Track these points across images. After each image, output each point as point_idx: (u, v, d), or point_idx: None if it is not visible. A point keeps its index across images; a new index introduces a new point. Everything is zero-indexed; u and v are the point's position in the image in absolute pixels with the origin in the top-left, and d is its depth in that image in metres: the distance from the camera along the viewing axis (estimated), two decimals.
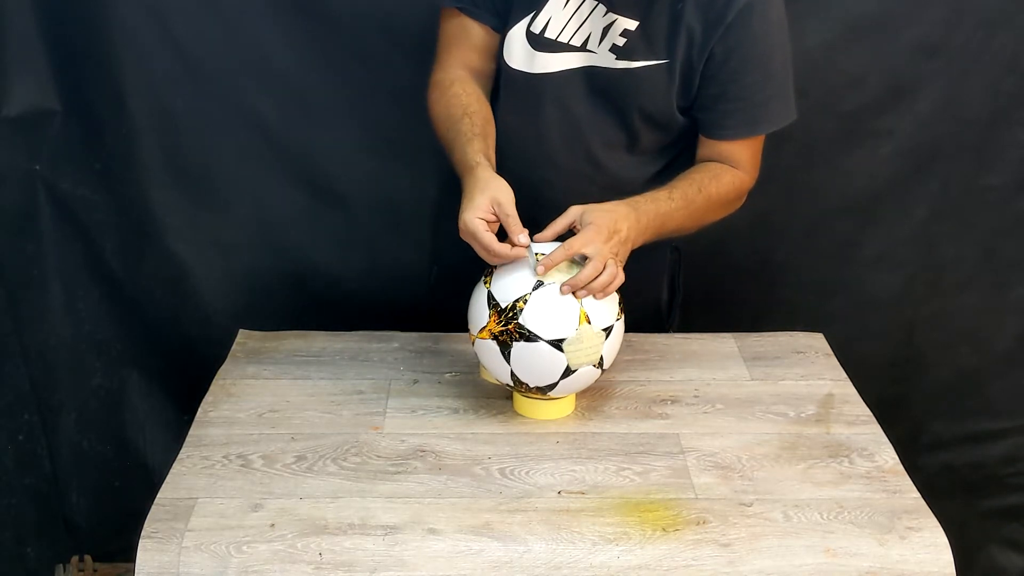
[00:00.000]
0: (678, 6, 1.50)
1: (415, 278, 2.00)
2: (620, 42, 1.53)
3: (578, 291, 1.38)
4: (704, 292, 2.08)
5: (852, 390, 1.61)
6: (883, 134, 2.02)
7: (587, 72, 1.57)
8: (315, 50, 1.91)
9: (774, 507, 1.33)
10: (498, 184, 1.42)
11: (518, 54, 1.58)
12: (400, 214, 2.04)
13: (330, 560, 1.24)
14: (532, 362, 1.41)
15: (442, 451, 1.43)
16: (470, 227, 1.38)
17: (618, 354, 1.48)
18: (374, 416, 1.51)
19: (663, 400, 1.56)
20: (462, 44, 1.62)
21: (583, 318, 1.39)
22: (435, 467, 1.39)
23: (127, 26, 1.85)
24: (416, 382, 1.59)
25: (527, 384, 1.44)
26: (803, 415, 1.54)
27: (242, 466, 1.39)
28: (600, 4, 1.53)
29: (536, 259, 1.39)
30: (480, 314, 1.43)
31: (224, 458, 1.40)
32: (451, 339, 1.70)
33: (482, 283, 1.45)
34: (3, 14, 1.80)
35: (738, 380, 1.62)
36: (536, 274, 1.39)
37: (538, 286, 1.40)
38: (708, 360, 1.67)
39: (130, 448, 2.16)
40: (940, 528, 1.31)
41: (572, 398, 1.52)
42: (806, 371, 1.65)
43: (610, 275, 1.39)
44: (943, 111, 1.99)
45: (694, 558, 1.26)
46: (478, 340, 1.45)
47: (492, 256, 1.39)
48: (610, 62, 1.55)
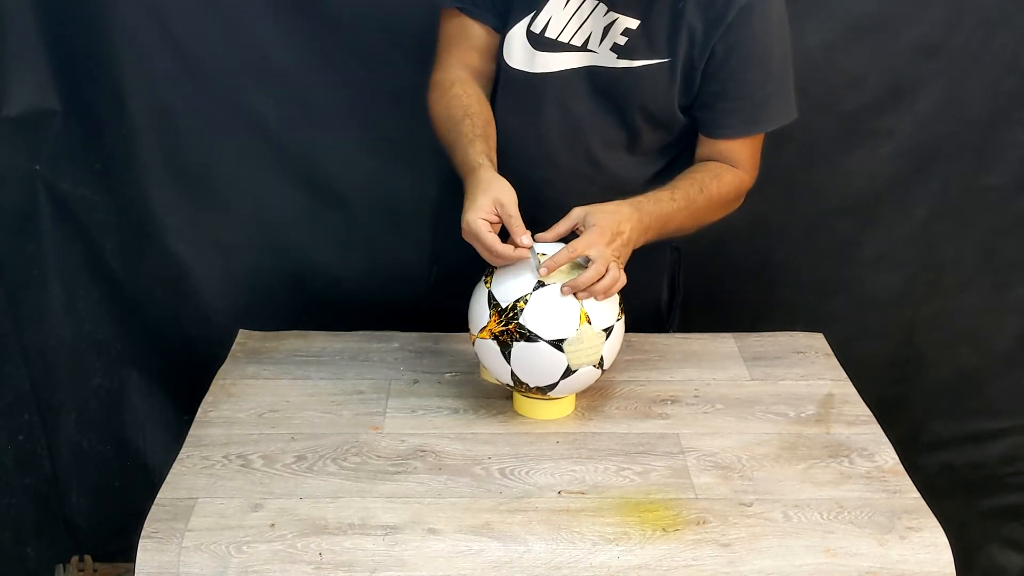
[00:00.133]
0: (679, 5, 1.50)
1: (415, 278, 2.00)
2: (621, 41, 1.53)
3: (580, 293, 1.38)
4: (704, 292, 2.08)
5: (852, 390, 1.61)
6: (883, 134, 2.02)
7: (588, 72, 1.57)
8: (315, 50, 1.92)
9: (774, 507, 1.33)
10: (501, 185, 1.42)
11: (518, 54, 1.58)
12: (400, 214, 2.04)
13: (330, 560, 1.24)
14: (532, 362, 1.41)
15: (442, 451, 1.43)
16: (473, 228, 1.38)
17: (618, 354, 1.48)
18: (374, 416, 1.51)
19: (663, 400, 1.56)
20: (462, 44, 1.62)
21: (583, 318, 1.39)
22: (435, 467, 1.39)
23: (127, 26, 1.85)
24: (416, 382, 1.59)
25: (527, 384, 1.44)
26: (803, 415, 1.54)
27: (242, 466, 1.39)
28: (601, 3, 1.53)
29: (539, 260, 1.39)
30: (480, 314, 1.43)
31: (224, 458, 1.40)
32: (451, 339, 1.70)
33: (482, 283, 1.45)
34: (3, 14, 1.80)
35: (738, 380, 1.62)
36: (538, 275, 1.39)
37: (538, 286, 1.40)
38: (708, 360, 1.67)
39: (130, 448, 2.16)
40: (940, 528, 1.31)
41: (572, 398, 1.52)
42: (806, 371, 1.65)
43: (612, 278, 1.39)
44: (943, 111, 1.99)
45: (694, 558, 1.26)
46: (478, 340, 1.45)
47: (495, 257, 1.39)
48: (611, 61, 1.55)
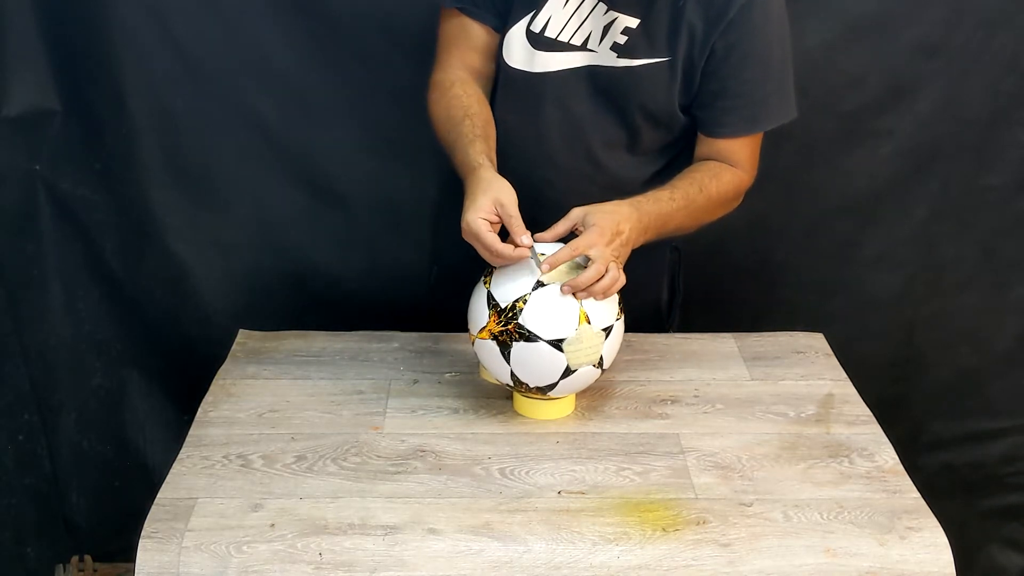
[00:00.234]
0: (679, 3, 1.50)
1: (415, 278, 2.00)
2: (621, 40, 1.53)
3: (579, 293, 1.38)
4: (704, 292, 2.08)
5: (852, 390, 1.61)
6: (883, 134, 2.02)
7: (588, 71, 1.57)
8: (315, 50, 1.92)
9: (774, 507, 1.33)
10: (501, 185, 1.42)
11: (518, 53, 1.58)
12: (400, 214, 2.04)
13: (330, 560, 1.24)
14: (532, 362, 1.41)
15: (442, 451, 1.43)
16: (473, 228, 1.38)
17: (618, 354, 1.48)
18: (374, 416, 1.51)
19: (663, 400, 1.56)
20: (462, 45, 1.62)
21: (583, 318, 1.39)
22: (435, 467, 1.39)
23: (127, 26, 1.85)
24: (416, 382, 1.59)
25: (527, 384, 1.44)
26: (803, 415, 1.54)
27: (242, 466, 1.39)
28: (600, 2, 1.53)
29: (539, 259, 1.39)
30: (480, 314, 1.43)
31: (224, 458, 1.40)
32: (451, 339, 1.70)
33: (482, 283, 1.45)
34: (3, 14, 1.80)
35: (738, 380, 1.62)
36: (539, 274, 1.39)
37: (538, 286, 1.40)
38: (708, 360, 1.67)
39: (130, 448, 2.16)
40: (940, 528, 1.31)
41: (572, 398, 1.52)
42: (806, 371, 1.65)
43: (612, 279, 1.39)
44: (943, 111, 1.99)
45: (694, 558, 1.26)
46: (478, 340, 1.45)
47: (495, 257, 1.39)
48: (611, 60, 1.55)
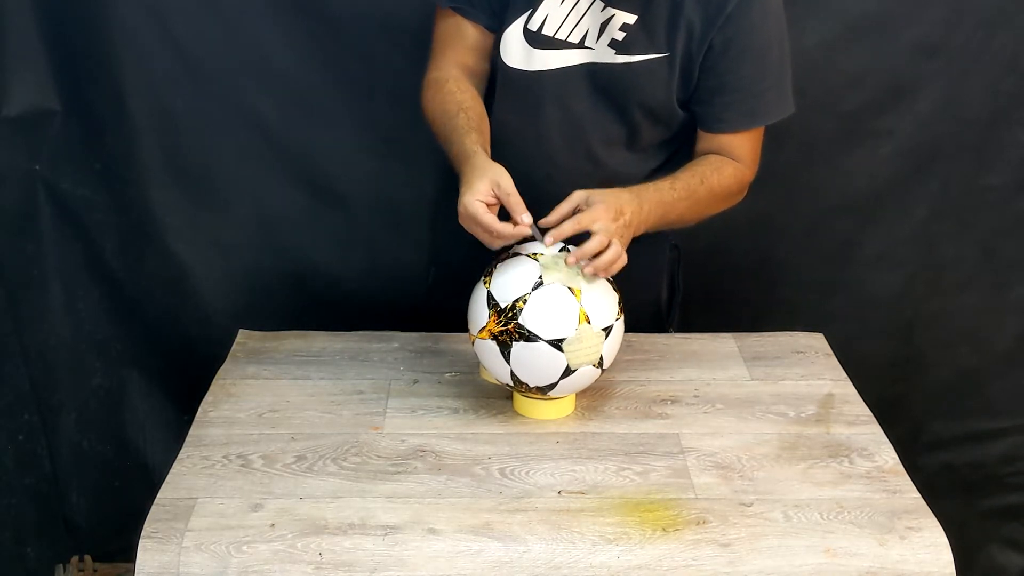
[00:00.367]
0: None
1: (415, 278, 2.01)
2: (619, 36, 1.53)
3: (585, 267, 1.38)
4: (704, 292, 2.08)
5: (852, 390, 1.61)
6: (883, 134, 2.02)
7: (586, 69, 1.57)
8: (315, 50, 1.92)
9: (774, 507, 1.33)
10: (497, 168, 1.41)
11: (516, 52, 1.58)
12: (400, 214, 2.04)
13: (330, 560, 1.24)
14: (532, 362, 1.41)
15: (442, 451, 1.43)
16: (471, 210, 1.36)
17: (618, 354, 1.48)
18: (374, 416, 1.51)
19: (663, 400, 1.56)
20: (457, 44, 1.62)
21: (583, 318, 1.39)
22: (435, 467, 1.39)
23: (127, 26, 1.85)
24: (416, 382, 1.59)
25: (527, 384, 1.44)
26: (803, 415, 1.53)
27: (242, 466, 1.39)
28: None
29: (541, 234, 1.39)
30: (480, 314, 1.43)
31: (224, 458, 1.40)
32: (451, 339, 1.70)
33: (482, 283, 1.45)
34: (3, 14, 1.80)
35: (738, 380, 1.62)
36: (545, 246, 1.40)
37: (538, 286, 1.40)
38: (708, 360, 1.67)
39: (130, 448, 2.16)
40: (940, 528, 1.31)
41: (572, 398, 1.52)
42: (806, 371, 1.65)
43: (615, 253, 1.39)
44: (943, 111, 1.99)
45: (694, 558, 1.26)
46: (478, 340, 1.45)
47: (495, 238, 1.37)
48: (610, 57, 1.54)
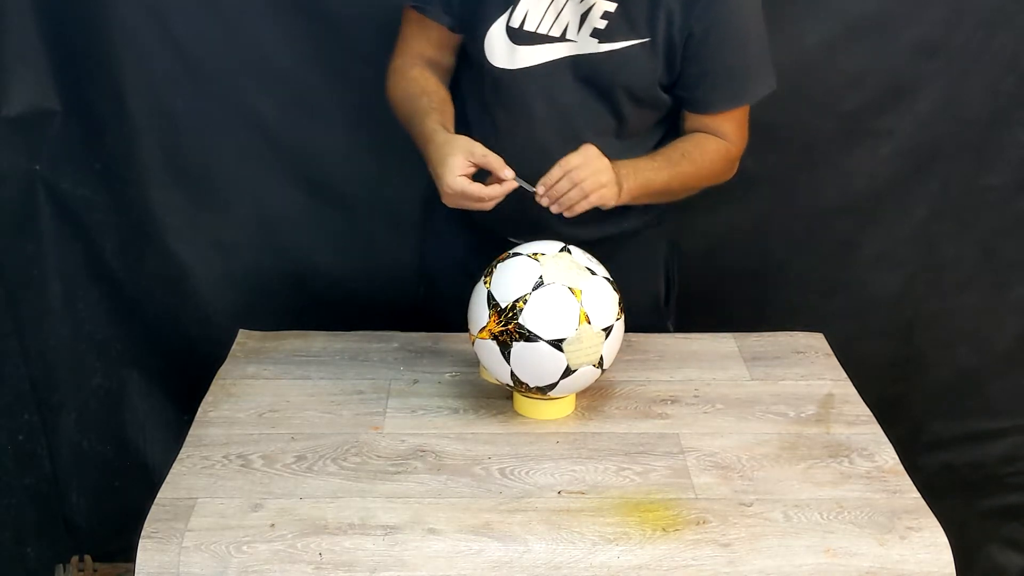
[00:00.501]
0: None
1: (415, 278, 2.00)
2: (601, 25, 1.55)
3: (542, 197, 1.46)
4: (704, 292, 2.08)
5: (852, 390, 1.61)
6: (883, 134, 2.02)
7: (570, 61, 1.58)
8: (315, 50, 1.92)
9: (774, 507, 1.33)
10: (461, 139, 1.48)
11: (500, 52, 1.59)
12: (400, 214, 2.04)
13: (330, 560, 1.24)
14: (532, 362, 1.41)
15: (442, 451, 1.43)
16: (456, 187, 1.43)
17: (618, 354, 1.48)
18: (374, 416, 1.51)
19: (663, 400, 1.56)
20: (420, 39, 1.66)
21: (583, 318, 1.39)
22: (435, 467, 1.39)
23: (127, 26, 1.85)
24: (416, 382, 1.59)
25: (527, 384, 1.44)
26: (803, 415, 1.53)
27: (242, 466, 1.39)
28: None
29: (527, 185, 1.45)
30: (480, 314, 1.43)
31: (224, 458, 1.40)
32: (451, 339, 1.70)
33: (482, 283, 1.45)
34: (3, 14, 1.80)
35: (738, 380, 1.62)
36: (537, 195, 1.47)
37: (538, 286, 1.40)
38: (708, 360, 1.67)
39: (130, 448, 2.16)
40: (940, 528, 1.31)
41: (572, 398, 1.52)
42: (806, 371, 1.65)
43: (577, 192, 1.46)
44: (943, 111, 1.99)
45: (694, 558, 1.26)
46: (478, 340, 1.45)
47: (488, 201, 1.44)
48: (593, 47, 1.56)
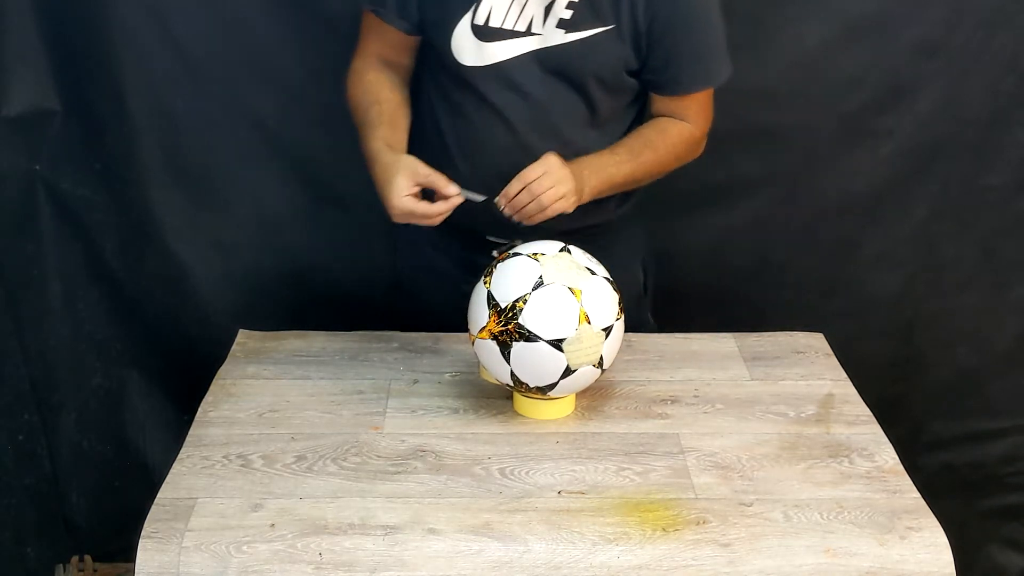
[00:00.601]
0: None
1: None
2: (567, 15, 1.56)
3: (503, 207, 1.52)
4: (704, 292, 2.08)
5: (852, 390, 1.61)
6: (883, 134, 2.02)
7: (539, 54, 1.59)
8: (315, 50, 1.91)
9: (774, 507, 1.33)
10: (404, 159, 1.53)
11: (468, 50, 1.60)
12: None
13: (330, 560, 1.24)
14: (532, 362, 1.41)
15: (442, 451, 1.43)
16: (403, 207, 1.50)
17: (618, 354, 1.48)
18: (374, 416, 1.51)
19: (663, 400, 1.56)
20: (378, 40, 1.68)
21: (583, 318, 1.39)
22: (435, 467, 1.39)
23: (127, 26, 1.85)
24: (416, 382, 1.59)
25: (527, 384, 1.44)
26: (803, 415, 1.54)
27: (242, 466, 1.39)
28: None
29: (474, 195, 1.52)
30: (480, 314, 1.43)
31: (224, 458, 1.41)
32: (451, 339, 1.70)
33: (482, 283, 1.45)
34: (3, 14, 1.80)
35: (738, 380, 1.62)
36: (499, 206, 1.52)
37: (538, 286, 1.40)
38: (708, 360, 1.67)
39: (130, 448, 2.16)
40: (940, 528, 1.31)
41: (572, 398, 1.52)
42: (806, 371, 1.65)
43: (535, 206, 1.50)
44: (943, 111, 1.99)
45: (694, 558, 1.26)
46: (478, 340, 1.45)
47: (434, 218, 1.51)
48: (560, 38, 1.58)
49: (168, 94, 1.92)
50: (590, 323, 1.40)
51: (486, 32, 1.58)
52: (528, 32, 1.58)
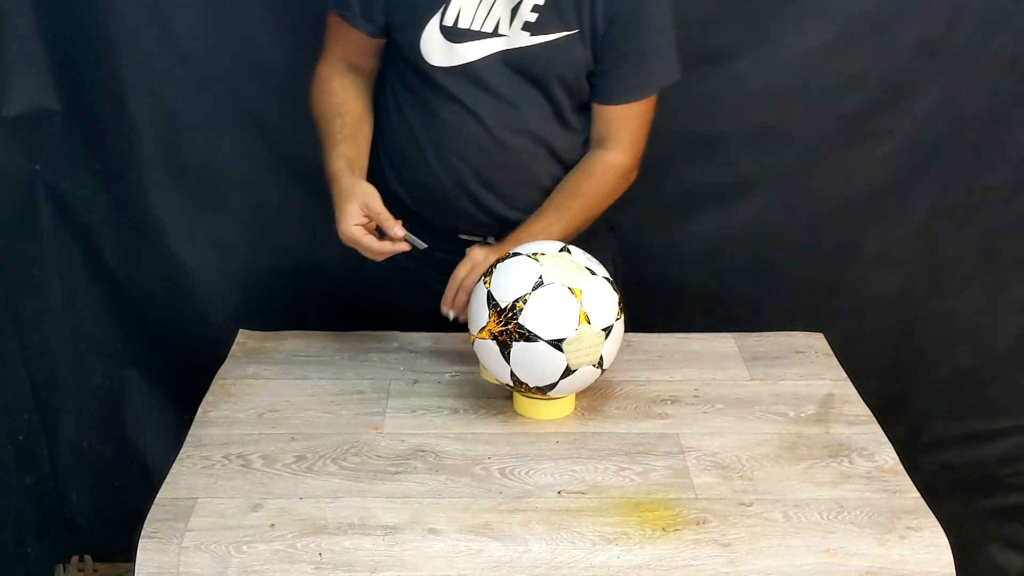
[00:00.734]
0: None
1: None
2: (532, 18, 1.57)
3: (450, 311, 1.58)
4: (704, 292, 2.08)
5: (852, 390, 1.61)
6: (883, 134, 2.02)
7: (505, 55, 1.60)
8: (315, 50, 1.91)
9: (774, 507, 1.33)
10: (362, 188, 1.53)
11: (437, 52, 1.60)
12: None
13: (330, 560, 1.24)
14: (532, 362, 1.41)
15: (442, 451, 1.43)
16: (350, 235, 1.51)
17: (618, 354, 1.48)
18: (374, 416, 1.51)
19: (663, 400, 1.56)
20: (343, 44, 1.68)
21: (583, 318, 1.39)
22: (435, 467, 1.39)
23: (127, 26, 1.85)
24: (416, 382, 1.59)
25: (527, 384, 1.44)
26: (803, 415, 1.54)
27: (242, 466, 1.39)
28: None
29: (415, 240, 1.52)
30: (480, 314, 1.44)
31: (224, 458, 1.41)
32: (451, 339, 1.70)
33: (482, 283, 1.45)
34: (3, 14, 1.80)
35: (738, 380, 1.62)
36: (443, 310, 1.57)
37: (538, 286, 1.40)
38: (708, 360, 1.67)
39: (130, 448, 2.16)
40: (940, 528, 1.31)
41: (572, 398, 1.52)
42: (806, 371, 1.65)
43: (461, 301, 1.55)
44: (943, 111, 1.99)
45: (694, 558, 1.26)
46: (478, 340, 1.45)
47: (377, 254, 1.53)
48: (525, 40, 1.59)
49: (168, 94, 1.92)
50: (590, 323, 1.40)
51: (455, 33, 1.59)
52: (495, 33, 1.59)
